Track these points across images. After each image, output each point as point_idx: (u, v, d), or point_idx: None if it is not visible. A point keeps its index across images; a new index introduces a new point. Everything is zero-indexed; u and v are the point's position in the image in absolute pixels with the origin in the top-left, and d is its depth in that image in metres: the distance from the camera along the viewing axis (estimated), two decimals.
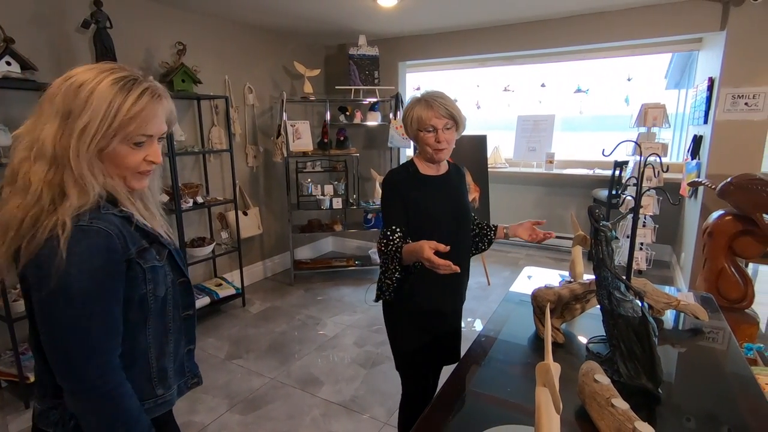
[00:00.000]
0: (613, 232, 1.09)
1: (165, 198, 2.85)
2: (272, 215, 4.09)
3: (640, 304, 1.07)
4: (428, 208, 1.46)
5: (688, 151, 3.48)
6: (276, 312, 3.31)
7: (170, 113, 0.82)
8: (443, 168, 1.53)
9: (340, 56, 4.28)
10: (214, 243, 3.23)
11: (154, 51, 2.91)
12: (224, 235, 3.40)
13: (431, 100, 1.39)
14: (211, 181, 3.42)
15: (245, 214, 3.65)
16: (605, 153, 1.17)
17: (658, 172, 2.65)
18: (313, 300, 3.54)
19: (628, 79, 4.28)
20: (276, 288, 3.81)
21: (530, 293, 1.51)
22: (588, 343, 1.35)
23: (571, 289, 1.48)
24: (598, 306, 1.39)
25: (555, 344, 1.35)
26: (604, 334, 1.29)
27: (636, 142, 1.41)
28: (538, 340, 1.42)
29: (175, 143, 2.80)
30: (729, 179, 2.38)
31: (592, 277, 1.71)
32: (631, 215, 1.18)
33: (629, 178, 2.67)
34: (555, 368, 0.78)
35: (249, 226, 3.66)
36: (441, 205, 1.48)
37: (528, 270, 2.02)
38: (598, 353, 1.26)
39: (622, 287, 1.14)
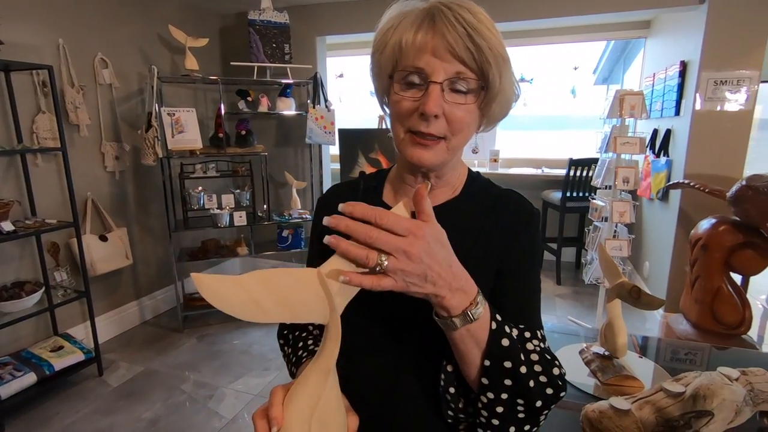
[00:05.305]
0: None
1: None
2: (150, 237, 3.03)
3: None
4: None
5: (648, 148, 3.09)
6: (149, 381, 2.31)
7: None
8: (443, 195, 0.66)
9: (239, 27, 3.32)
10: (42, 288, 2.14)
11: None
12: (60, 276, 2.29)
13: (442, 10, 0.54)
14: (41, 195, 2.30)
15: (104, 239, 2.58)
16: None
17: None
18: (209, 353, 2.57)
19: (575, 68, 3.87)
20: (157, 337, 2.77)
21: (580, 413, 0.80)
22: None
23: (656, 406, 0.78)
24: None
25: None
26: None
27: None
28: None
29: None
30: (742, 182, 1.91)
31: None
32: None
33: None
34: None
35: (110, 256, 2.59)
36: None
37: None
38: None
39: None
